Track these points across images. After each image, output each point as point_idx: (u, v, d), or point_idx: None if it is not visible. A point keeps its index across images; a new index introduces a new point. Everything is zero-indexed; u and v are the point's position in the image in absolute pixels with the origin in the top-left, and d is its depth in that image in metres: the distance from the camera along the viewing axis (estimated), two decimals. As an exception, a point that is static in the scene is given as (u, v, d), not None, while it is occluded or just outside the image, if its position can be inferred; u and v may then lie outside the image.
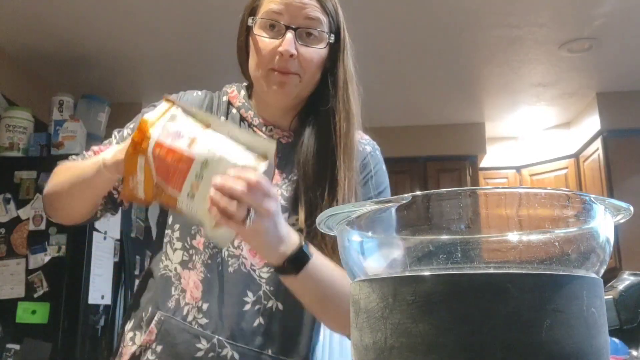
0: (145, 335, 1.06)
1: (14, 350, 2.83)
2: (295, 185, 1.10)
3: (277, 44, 1.04)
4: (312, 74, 1.08)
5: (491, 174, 5.18)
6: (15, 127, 3.30)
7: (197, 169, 0.84)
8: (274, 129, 1.15)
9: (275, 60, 1.04)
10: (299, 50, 1.04)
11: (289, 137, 1.15)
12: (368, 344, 0.47)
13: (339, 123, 1.09)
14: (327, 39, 1.08)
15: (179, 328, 1.05)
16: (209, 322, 1.04)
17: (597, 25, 3.38)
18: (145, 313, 1.10)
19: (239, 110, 1.17)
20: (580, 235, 0.50)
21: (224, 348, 1.03)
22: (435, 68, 3.97)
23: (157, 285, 1.10)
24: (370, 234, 0.55)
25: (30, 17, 3.27)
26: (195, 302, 1.06)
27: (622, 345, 1.04)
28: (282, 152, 1.12)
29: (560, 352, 0.42)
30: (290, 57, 1.03)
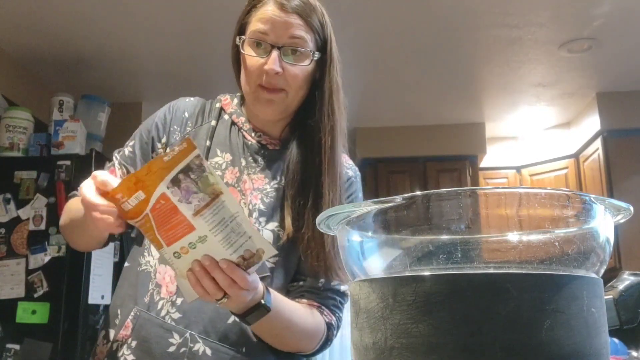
0: (122, 330, 1.09)
1: (14, 350, 2.83)
2: (279, 192, 1.14)
3: (263, 62, 1.10)
4: (298, 89, 1.13)
5: (491, 174, 5.18)
6: (15, 127, 3.30)
7: (194, 239, 0.85)
8: (263, 135, 1.20)
9: (263, 78, 1.10)
10: (284, 67, 1.10)
11: (276, 145, 1.20)
12: (368, 344, 0.47)
13: (324, 137, 1.14)
14: (310, 56, 1.12)
15: (152, 323, 1.06)
16: (182, 316, 1.06)
17: (597, 25, 3.38)
18: (120, 310, 1.12)
19: (230, 116, 1.22)
20: (580, 235, 0.50)
21: (196, 343, 1.04)
22: (435, 68, 3.97)
23: (137, 281, 1.12)
24: (370, 234, 0.55)
25: (30, 17, 3.27)
26: (170, 297, 1.07)
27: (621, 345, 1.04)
28: (268, 158, 1.18)
29: (560, 352, 0.42)
30: (275, 74, 1.09)
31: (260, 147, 1.19)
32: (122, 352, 1.07)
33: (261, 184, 1.16)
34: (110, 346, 1.10)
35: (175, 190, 0.84)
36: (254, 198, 1.14)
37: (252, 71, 1.11)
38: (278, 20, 1.10)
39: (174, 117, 1.21)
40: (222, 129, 1.20)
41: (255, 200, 1.14)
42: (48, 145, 3.28)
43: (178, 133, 1.20)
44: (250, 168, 1.17)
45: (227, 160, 1.17)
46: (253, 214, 1.13)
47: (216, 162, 1.17)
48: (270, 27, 1.10)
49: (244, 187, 1.14)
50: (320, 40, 1.15)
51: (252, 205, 1.13)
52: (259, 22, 1.11)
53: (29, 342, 2.83)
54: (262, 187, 1.15)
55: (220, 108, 1.23)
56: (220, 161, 1.17)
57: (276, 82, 1.10)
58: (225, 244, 0.85)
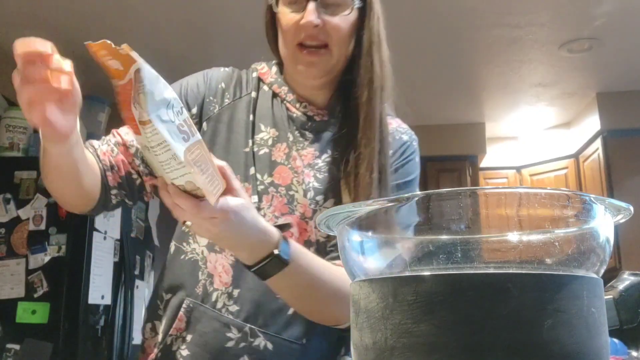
0: (174, 323, 1.01)
1: (14, 350, 2.83)
2: (332, 166, 1.06)
3: (299, 18, 1.00)
4: (343, 45, 1.03)
5: (491, 174, 5.18)
6: (15, 127, 3.30)
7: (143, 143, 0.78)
8: (309, 105, 1.10)
9: (301, 35, 1.01)
10: (323, 20, 1.00)
11: (323, 115, 1.10)
12: (368, 344, 0.47)
13: (360, 89, 1.04)
14: (351, 4, 1.02)
15: (208, 316, 0.99)
16: (240, 309, 0.99)
17: (597, 25, 3.38)
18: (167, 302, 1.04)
19: (270, 87, 1.12)
20: (580, 235, 0.50)
21: (256, 337, 0.98)
22: (435, 68, 3.97)
23: (183, 270, 1.04)
24: (370, 234, 0.55)
25: (30, 17, 3.26)
26: (225, 288, 1.00)
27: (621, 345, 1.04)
28: (316, 130, 1.09)
29: (560, 352, 0.42)
30: (314, 27, 0.99)
31: (307, 119, 1.09)
32: (177, 347, 1.00)
33: (312, 159, 1.07)
34: (164, 340, 1.02)
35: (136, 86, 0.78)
36: (306, 176, 1.05)
37: (288, 30, 1.02)
38: None
39: (208, 87, 1.12)
40: (264, 101, 1.11)
41: (308, 179, 1.05)
42: (48, 145, 3.28)
43: (215, 105, 1.10)
44: (299, 143, 1.08)
45: (273, 136, 1.08)
46: (308, 194, 1.04)
47: (261, 138, 1.07)
48: None
49: (294, 164, 1.05)
50: None
51: (306, 184, 1.04)
52: None
53: (29, 342, 2.83)
54: (314, 163, 1.07)
55: (258, 78, 1.13)
56: (266, 137, 1.08)
57: (317, 37, 1.00)
58: (167, 167, 0.77)
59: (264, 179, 1.05)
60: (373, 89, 1.04)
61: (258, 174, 1.05)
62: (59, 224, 2.93)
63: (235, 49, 3.46)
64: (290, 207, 1.03)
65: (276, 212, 1.03)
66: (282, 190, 1.04)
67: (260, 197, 1.03)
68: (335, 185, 1.04)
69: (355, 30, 1.05)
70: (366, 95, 1.04)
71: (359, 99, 1.04)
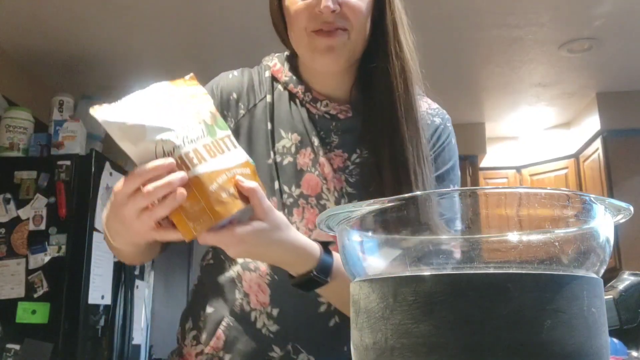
0: (212, 341, 0.97)
1: (14, 350, 2.83)
2: (365, 167, 0.98)
3: (313, 3, 0.91)
4: (361, 27, 0.94)
5: (491, 174, 5.18)
6: (15, 127, 3.30)
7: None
8: (330, 103, 1.01)
9: (317, 21, 0.92)
10: (341, 2, 0.91)
11: (347, 111, 1.01)
12: (368, 344, 0.47)
13: (395, 80, 0.95)
14: None
15: (248, 336, 0.95)
16: (281, 328, 0.95)
17: (597, 25, 3.38)
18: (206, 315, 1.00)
19: (286, 87, 1.03)
20: (580, 235, 0.50)
21: (299, 354, 0.94)
22: (435, 68, 3.96)
23: (219, 288, 1.00)
24: (370, 234, 0.55)
25: (30, 17, 3.26)
26: (264, 308, 0.96)
27: (621, 345, 1.04)
28: (342, 130, 1.00)
29: (560, 352, 0.42)
30: (332, 13, 0.90)
31: (330, 118, 1.01)
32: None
33: (341, 162, 0.99)
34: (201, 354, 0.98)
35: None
36: (337, 182, 0.98)
37: (299, 17, 0.93)
38: None
39: (220, 102, 1.03)
40: (281, 104, 1.02)
41: (340, 184, 0.98)
42: (48, 145, 3.28)
43: (231, 120, 1.02)
44: (325, 146, 0.99)
45: (296, 142, 0.99)
46: (342, 201, 0.97)
47: (283, 145, 0.99)
48: None
49: (323, 171, 0.97)
50: None
51: (339, 191, 0.97)
52: None
53: (29, 342, 2.82)
54: (344, 166, 0.99)
55: (272, 77, 1.04)
56: (288, 144, 1.00)
57: (334, 23, 0.92)
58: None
59: (292, 191, 0.98)
60: (408, 78, 0.97)
61: (285, 186, 0.98)
62: (59, 224, 2.93)
63: (237, 43, 3.46)
64: None
65: (309, 224, 0.97)
66: (312, 201, 0.98)
67: (290, 211, 0.97)
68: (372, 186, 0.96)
69: (371, 13, 0.96)
70: (402, 87, 0.95)
71: (393, 91, 0.95)
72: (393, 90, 0.95)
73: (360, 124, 1.00)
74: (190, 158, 0.73)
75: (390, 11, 0.98)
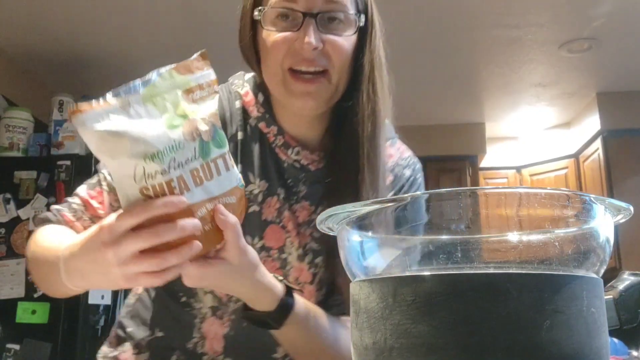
0: None
1: (14, 350, 2.83)
2: None
3: (293, 38, 0.84)
4: (343, 69, 0.87)
5: (491, 174, 5.18)
6: (15, 127, 3.30)
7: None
8: (301, 151, 0.93)
9: (295, 58, 0.84)
10: (324, 40, 0.84)
11: (318, 162, 0.94)
12: (368, 344, 0.47)
13: (363, 123, 0.89)
14: (356, 23, 0.87)
15: None
16: None
17: (597, 25, 3.38)
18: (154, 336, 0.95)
19: (257, 124, 0.93)
20: (580, 235, 0.50)
21: None
22: (435, 68, 3.97)
23: (180, 318, 0.94)
24: (370, 234, 0.55)
25: (30, 17, 3.26)
26: (216, 355, 0.92)
27: (621, 345, 1.04)
28: (310, 181, 0.94)
29: (560, 353, 0.42)
30: (314, 50, 0.83)
31: (300, 168, 0.93)
32: None
33: (307, 215, 0.92)
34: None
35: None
36: (302, 237, 0.92)
37: (276, 51, 0.84)
38: None
39: None
40: (252, 144, 0.93)
41: (304, 240, 0.92)
42: (48, 145, 3.28)
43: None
44: (292, 196, 0.93)
45: (263, 190, 0.91)
46: (306, 258, 0.92)
47: (251, 191, 0.91)
48: None
49: (287, 224, 0.92)
50: (362, 3, 0.89)
51: (303, 247, 0.92)
52: None
53: (29, 342, 2.83)
54: (310, 219, 0.92)
55: (243, 109, 0.94)
56: (256, 190, 0.91)
57: (314, 61, 0.84)
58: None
59: (254, 242, 0.91)
60: (376, 123, 0.90)
61: (248, 237, 0.89)
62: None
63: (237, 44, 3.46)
64: (283, 272, 0.92)
65: None
66: (274, 254, 0.92)
67: None
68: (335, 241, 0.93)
69: (354, 52, 0.90)
70: (369, 131, 0.89)
71: (359, 134, 0.89)
72: (359, 134, 0.89)
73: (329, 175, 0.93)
74: (172, 188, 0.65)
75: (370, 51, 0.91)
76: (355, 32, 0.87)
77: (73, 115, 0.62)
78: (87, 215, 0.88)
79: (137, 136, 0.63)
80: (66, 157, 3.11)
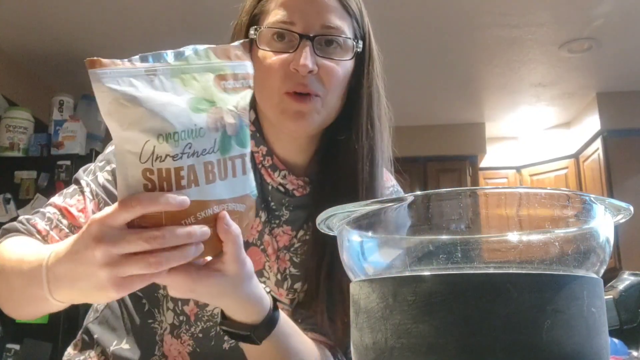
0: None
1: (14, 350, 2.83)
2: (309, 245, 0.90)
3: (288, 59, 0.83)
4: (337, 95, 0.86)
5: (491, 174, 5.19)
6: (15, 127, 3.30)
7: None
8: (288, 175, 0.92)
9: (291, 82, 0.83)
10: (319, 64, 0.83)
11: (304, 188, 0.93)
12: (368, 344, 0.47)
13: (361, 163, 0.88)
14: (353, 48, 0.87)
15: None
16: None
17: (597, 25, 3.38)
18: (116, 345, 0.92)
19: None
20: (580, 235, 0.50)
21: None
22: (435, 68, 3.97)
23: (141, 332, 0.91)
24: (370, 234, 0.55)
25: (30, 17, 3.27)
26: None
27: (621, 345, 1.04)
28: (294, 205, 0.92)
29: (560, 352, 0.42)
30: (309, 73, 0.82)
31: (284, 192, 0.92)
32: None
33: (287, 240, 0.91)
34: None
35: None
36: (281, 262, 0.90)
37: (275, 75, 0.83)
38: (307, 3, 0.84)
39: None
40: None
41: (284, 265, 0.90)
42: (48, 145, 3.28)
43: None
44: (274, 219, 0.91)
45: None
46: (285, 284, 0.89)
47: None
48: (298, 13, 0.83)
49: (267, 248, 0.90)
50: (360, 30, 0.88)
51: (282, 272, 0.90)
52: (280, 8, 0.84)
53: (29, 342, 2.82)
54: (290, 244, 0.91)
55: None
56: None
57: (308, 85, 0.83)
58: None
59: None
60: (375, 162, 0.89)
61: None
62: None
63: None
64: None
65: None
66: None
67: None
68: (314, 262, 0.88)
69: (349, 79, 0.88)
70: (367, 171, 0.88)
71: (357, 175, 0.88)
72: (357, 174, 0.88)
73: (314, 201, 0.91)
74: (180, 177, 0.57)
75: (367, 83, 0.89)
76: (352, 57, 0.87)
77: (91, 67, 0.54)
78: (64, 223, 0.82)
79: (156, 109, 0.55)
80: (66, 157, 3.11)
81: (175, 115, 0.56)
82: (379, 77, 0.92)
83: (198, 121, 0.58)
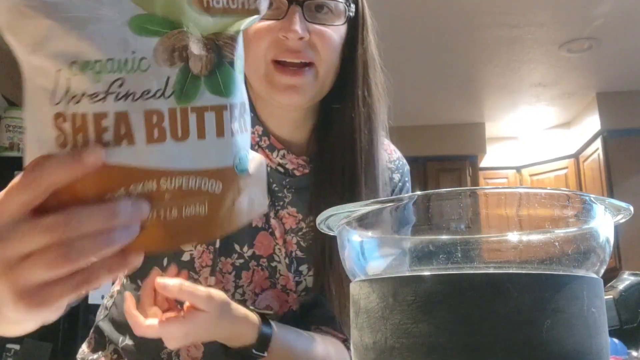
0: None
1: (14, 350, 2.83)
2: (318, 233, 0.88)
3: (277, 26, 0.77)
4: (331, 62, 0.81)
5: (491, 174, 5.19)
6: (15, 127, 3.30)
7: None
8: (287, 154, 0.88)
9: (280, 48, 0.78)
10: (310, 30, 0.78)
11: (304, 167, 0.89)
12: (368, 344, 0.47)
13: (359, 129, 0.84)
14: (345, 12, 0.81)
15: None
16: None
17: (597, 25, 3.38)
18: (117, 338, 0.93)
19: None
20: (580, 235, 0.50)
21: None
22: (435, 68, 3.97)
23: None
24: (370, 234, 0.55)
25: (30, 17, 3.27)
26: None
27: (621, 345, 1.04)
28: (296, 186, 0.89)
29: (560, 352, 0.42)
30: (299, 40, 0.77)
31: (283, 172, 0.88)
32: None
33: (294, 222, 0.88)
34: None
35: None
36: (289, 245, 0.88)
37: (261, 41, 0.78)
38: None
39: None
40: None
41: (290, 247, 0.88)
42: (48, 145, 3.28)
43: None
44: (277, 203, 0.88)
45: None
46: (292, 267, 0.88)
47: None
48: None
49: (275, 231, 0.87)
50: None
51: (289, 254, 0.88)
52: None
53: (29, 342, 2.82)
54: (297, 227, 0.88)
55: None
56: None
57: (300, 52, 0.78)
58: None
59: (243, 251, 0.87)
60: (373, 128, 0.85)
61: (237, 245, 0.86)
62: None
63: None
64: (272, 281, 0.88)
65: (256, 288, 0.88)
66: (263, 262, 0.88)
67: (239, 273, 0.87)
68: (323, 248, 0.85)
69: (342, 46, 0.83)
70: (366, 138, 0.84)
71: (355, 143, 0.84)
72: (355, 142, 0.84)
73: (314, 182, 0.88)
74: (102, 128, 0.39)
75: (363, 49, 0.85)
76: (344, 22, 0.81)
77: None
78: None
79: (72, 22, 0.37)
80: (66, 157, 3.11)
81: (102, 34, 0.38)
82: (374, 42, 0.87)
83: (139, 47, 0.39)
